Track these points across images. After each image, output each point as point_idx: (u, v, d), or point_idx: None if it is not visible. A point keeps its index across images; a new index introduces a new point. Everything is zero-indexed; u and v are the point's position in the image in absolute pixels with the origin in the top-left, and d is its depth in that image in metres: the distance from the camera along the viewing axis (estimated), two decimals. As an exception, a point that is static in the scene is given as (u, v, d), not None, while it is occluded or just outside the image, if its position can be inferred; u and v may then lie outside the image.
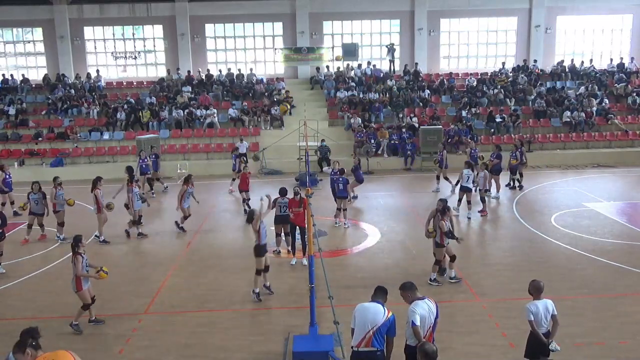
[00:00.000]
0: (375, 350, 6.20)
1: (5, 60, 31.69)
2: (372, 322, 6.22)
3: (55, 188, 14.40)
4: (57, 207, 14.39)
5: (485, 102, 27.50)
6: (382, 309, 6.34)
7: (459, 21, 31.42)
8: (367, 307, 6.35)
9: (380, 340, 6.23)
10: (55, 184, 14.50)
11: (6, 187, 17.28)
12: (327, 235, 14.29)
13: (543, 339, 6.84)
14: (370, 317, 6.24)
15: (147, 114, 26.59)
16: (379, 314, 6.26)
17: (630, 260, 11.89)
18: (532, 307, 6.88)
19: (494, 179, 17.66)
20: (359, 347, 6.23)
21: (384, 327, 6.23)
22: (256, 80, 29.57)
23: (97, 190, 14.04)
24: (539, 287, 6.98)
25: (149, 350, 8.56)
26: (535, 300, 6.95)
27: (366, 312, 6.30)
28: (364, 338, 6.21)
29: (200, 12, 30.50)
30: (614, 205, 16.87)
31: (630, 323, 9.02)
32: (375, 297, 6.52)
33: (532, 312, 6.84)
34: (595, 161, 23.97)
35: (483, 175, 15.83)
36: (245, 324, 9.39)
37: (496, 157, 18.28)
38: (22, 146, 25.48)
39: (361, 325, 6.25)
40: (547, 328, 6.95)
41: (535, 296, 6.97)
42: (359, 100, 27.50)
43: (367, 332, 6.20)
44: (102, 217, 14.15)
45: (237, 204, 18.21)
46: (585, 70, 30.17)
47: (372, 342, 6.19)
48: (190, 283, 11.30)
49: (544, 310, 6.87)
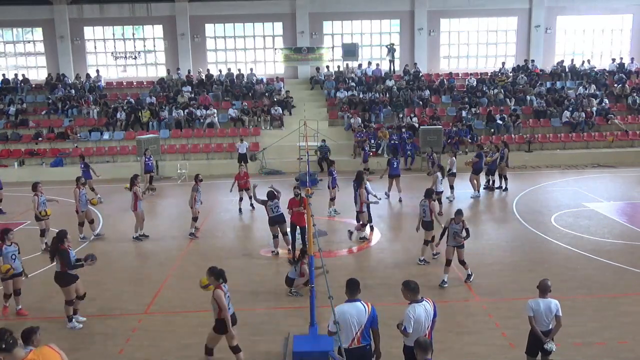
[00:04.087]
0: (365, 346, 6.43)
1: (5, 60, 31.70)
2: (358, 323, 6.36)
3: (79, 188, 14.21)
4: (81, 207, 14.21)
5: (485, 102, 27.51)
6: (362, 306, 6.43)
7: (459, 21, 31.41)
8: (349, 311, 6.39)
9: (367, 335, 6.44)
10: (78, 184, 14.31)
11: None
12: (327, 235, 14.29)
13: (540, 335, 6.89)
14: (355, 319, 6.35)
15: (147, 114, 26.59)
16: (362, 314, 6.39)
17: (630, 260, 11.89)
18: (532, 303, 6.96)
19: (475, 179, 18.07)
20: (350, 346, 6.35)
21: (368, 323, 6.41)
22: (256, 80, 29.58)
23: (136, 187, 13.95)
24: (545, 286, 7.05)
25: (149, 350, 8.56)
26: (540, 298, 7.00)
27: (349, 316, 6.35)
28: (353, 338, 6.35)
29: (200, 12, 30.50)
30: (614, 205, 16.88)
31: (630, 323, 9.03)
32: (351, 295, 6.54)
33: (532, 309, 6.93)
34: (595, 161, 23.97)
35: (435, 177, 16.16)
36: (245, 324, 9.38)
37: (476, 157, 18.59)
38: (22, 146, 25.48)
39: (348, 328, 6.34)
40: (549, 327, 6.99)
41: (541, 295, 7.04)
42: (359, 100, 27.52)
43: (355, 332, 6.35)
44: (139, 214, 14.10)
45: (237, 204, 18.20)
46: (585, 70, 30.18)
47: (361, 340, 6.40)
48: (190, 283, 11.28)
49: (545, 309, 6.92)
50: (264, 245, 13.45)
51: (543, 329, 6.95)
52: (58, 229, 9.69)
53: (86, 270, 12.20)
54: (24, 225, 16.09)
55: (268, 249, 13.18)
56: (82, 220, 14.36)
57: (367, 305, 6.44)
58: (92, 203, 14.40)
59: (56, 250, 9.25)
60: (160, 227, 15.54)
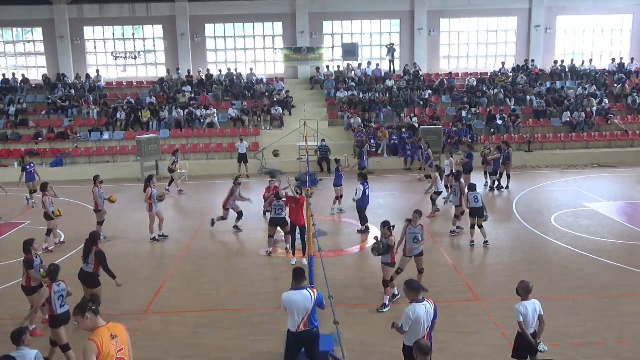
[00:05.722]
0: (312, 329, 6.90)
1: (5, 60, 31.69)
2: (304, 309, 6.77)
3: (97, 187, 14.08)
4: (100, 205, 14.10)
5: (485, 102, 27.51)
6: (309, 293, 6.82)
7: (459, 21, 31.41)
8: (296, 299, 6.77)
9: (315, 318, 6.91)
10: (96, 183, 14.14)
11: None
12: (327, 235, 14.28)
13: (531, 339, 6.86)
14: (301, 306, 6.76)
15: (147, 114, 26.59)
16: (308, 301, 6.78)
17: (630, 260, 11.90)
18: (521, 308, 6.87)
19: (465, 178, 17.87)
20: (298, 329, 6.81)
21: (315, 308, 6.86)
22: (256, 80, 29.58)
23: (150, 188, 13.89)
24: (529, 288, 6.98)
25: (149, 350, 8.56)
26: (524, 301, 6.95)
27: (296, 303, 6.75)
28: (301, 323, 6.79)
29: (200, 12, 30.50)
30: (614, 205, 16.88)
31: (630, 323, 9.03)
32: (297, 283, 6.89)
33: (522, 314, 6.84)
34: (595, 161, 23.97)
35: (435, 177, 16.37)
36: (245, 324, 9.38)
37: (467, 157, 18.71)
38: (22, 146, 25.46)
39: (294, 314, 6.77)
40: (535, 329, 6.97)
41: (524, 297, 6.97)
42: (359, 100, 27.52)
43: (302, 317, 6.78)
44: (154, 215, 14.06)
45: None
46: (585, 71, 30.18)
47: (308, 324, 6.84)
48: (190, 283, 11.30)
49: (532, 311, 6.88)
50: (264, 245, 13.45)
51: (531, 331, 6.91)
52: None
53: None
54: (24, 226, 16.09)
55: (268, 249, 13.18)
56: (101, 219, 14.24)
57: (313, 292, 6.86)
58: (110, 200, 14.28)
59: (91, 251, 9.33)
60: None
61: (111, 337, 5.24)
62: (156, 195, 14.00)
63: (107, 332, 5.25)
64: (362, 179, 14.28)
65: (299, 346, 6.96)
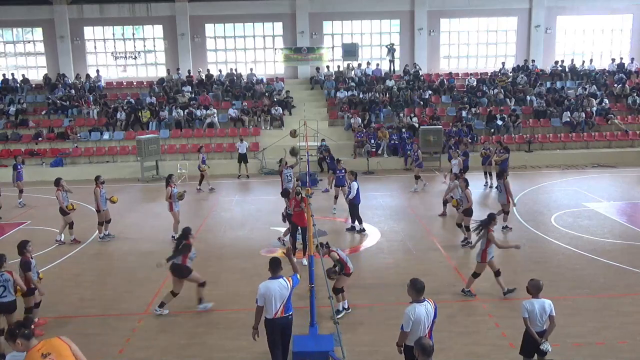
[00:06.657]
0: (288, 316, 7.29)
1: (5, 60, 31.69)
2: (280, 297, 7.13)
3: (99, 187, 14.06)
4: (102, 206, 14.09)
5: (485, 102, 27.51)
6: (285, 282, 7.19)
7: (459, 21, 31.41)
8: (272, 288, 7.11)
9: (290, 305, 7.27)
10: (97, 183, 14.12)
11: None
12: (327, 235, 14.27)
13: (535, 337, 6.87)
14: (278, 294, 7.11)
15: (147, 114, 26.59)
16: (284, 289, 7.16)
17: (630, 260, 11.89)
18: (527, 305, 6.92)
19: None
20: (275, 317, 7.17)
21: (290, 295, 7.23)
22: (256, 80, 29.57)
23: (170, 187, 13.87)
24: (539, 285, 7.01)
25: (149, 350, 8.56)
26: (533, 299, 6.98)
27: (273, 292, 7.09)
28: (277, 310, 7.15)
29: (200, 12, 30.50)
30: (614, 205, 16.87)
31: (630, 323, 9.03)
32: (274, 272, 7.24)
33: (527, 310, 6.89)
34: (595, 161, 23.97)
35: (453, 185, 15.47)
36: (245, 324, 9.36)
37: (463, 155, 18.83)
38: (22, 146, 25.47)
39: (271, 302, 7.11)
40: (543, 327, 6.97)
41: (535, 295, 7.00)
42: (359, 100, 27.52)
43: (279, 305, 7.14)
44: (175, 214, 14.06)
45: (237, 204, 18.22)
46: (585, 71, 30.18)
47: (284, 311, 7.21)
48: (190, 283, 11.28)
49: (539, 310, 6.89)
50: (264, 245, 13.45)
51: (537, 329, 6.92)
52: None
53: (87, 270, 12.27)
54: (24, 226, 16.09)
55: (268, 249, 13.18)
56: (102, 219, 14.25)
57: (289, 281, 7.22)
58: (112, 201, 14.29)
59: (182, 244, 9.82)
60: (160, 227, 15.52)
61: (42, 356, 5.33)
62: (177, 195, 13.98)
63: (38, 353, 5.36)
64: (353, 176, 14.38)
65: (278, 331, 7.32)
